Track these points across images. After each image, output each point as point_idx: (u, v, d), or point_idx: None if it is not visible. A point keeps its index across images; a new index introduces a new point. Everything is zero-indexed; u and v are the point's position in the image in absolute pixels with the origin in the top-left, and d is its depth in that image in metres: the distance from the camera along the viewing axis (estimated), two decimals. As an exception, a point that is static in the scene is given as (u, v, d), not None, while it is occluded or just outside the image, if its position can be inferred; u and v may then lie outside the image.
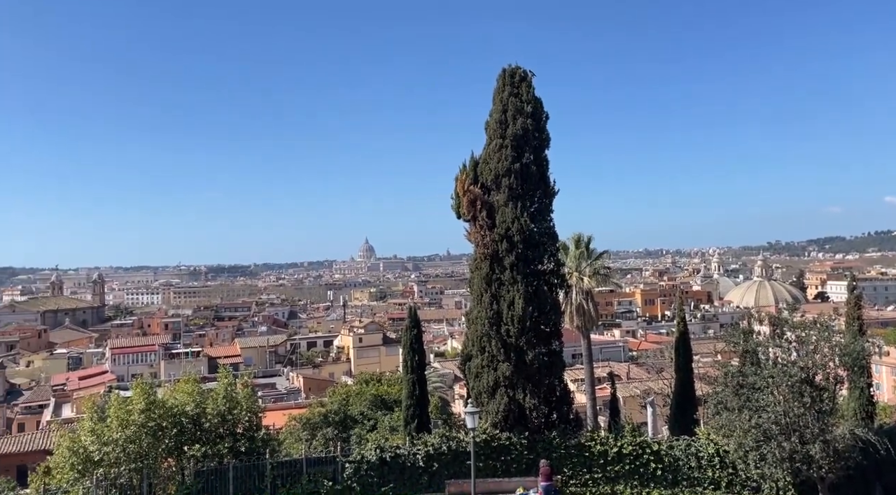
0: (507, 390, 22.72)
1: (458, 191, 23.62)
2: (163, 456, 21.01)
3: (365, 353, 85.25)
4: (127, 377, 73.08)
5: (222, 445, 21.12)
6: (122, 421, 19.90)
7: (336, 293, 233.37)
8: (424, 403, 25.22)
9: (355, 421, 33.06)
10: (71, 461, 19.58)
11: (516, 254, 22.62)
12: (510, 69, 23.96)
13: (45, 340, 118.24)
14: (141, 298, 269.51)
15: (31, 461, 38.10)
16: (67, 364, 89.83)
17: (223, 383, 22.74)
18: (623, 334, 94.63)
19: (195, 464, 20.70)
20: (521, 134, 23.01)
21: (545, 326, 23.14)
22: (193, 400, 21.50)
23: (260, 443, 22.10)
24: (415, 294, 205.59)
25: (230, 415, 22.00)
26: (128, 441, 19.67)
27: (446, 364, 63.13)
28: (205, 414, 21.42)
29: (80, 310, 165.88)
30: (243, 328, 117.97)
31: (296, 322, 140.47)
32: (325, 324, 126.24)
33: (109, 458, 19.50)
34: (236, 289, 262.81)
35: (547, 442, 22.45)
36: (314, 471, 21.26)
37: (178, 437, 20.96)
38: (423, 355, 26.67)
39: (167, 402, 21.24)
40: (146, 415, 20.14)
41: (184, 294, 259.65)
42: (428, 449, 22.01)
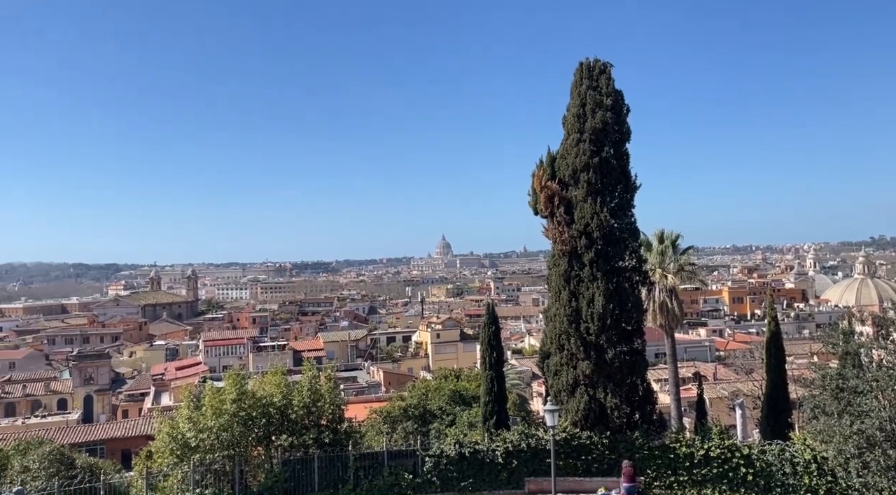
0: (587, 389, 22.37)
1: (535, 188, 23.39)
2: (253, 445, 21.90)
3: (442, 349, 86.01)
4: (219, 368, 76.87)
5: (308, 436, 21.84)
6: (216, 410, 20.89)
7: (414, 289, 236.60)
8: (503, 400, 25.21)
9: (434, 415, 33.41)
10: (170, 446, 20.75)
11: (596, 250, 22.20)
12: (588, 62, 23.49)
13: (145, 332, 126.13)
14: (231, 293, 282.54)
15: (135, 445, 40.83)
16: (165, 355, 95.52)
17: (308, 376, 23.48)
18: (709, 333, 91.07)
19: (282, 454, 21.53)
20: (600, 127, 22.53)
21: (626, 324, 22.61)
22: (281, 391, 22.34)
23: (343, 435, 22.72)
24: (491, 291, 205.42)
25: (315, 407, 22.71)
26: (221, 429, 20.63)
27: (524, 361, 62.77)
28: (291, 406, 22.18)
29: (176, 304, 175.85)
30: (325, 323, 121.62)
31: (375, 317, 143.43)
32: (404, 320, 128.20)
33: (205, 445, 20.51)
34: (319, 285, 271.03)
35: (629, 442, 21.95)
36: (395, 464, 21.67)
37: (267, 427, 21.80)
38: (501, 352, 26.66)
39: (256, 393, 22.13)
40: (237, 405, 21.05)
41: (270, 289, 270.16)
42: (507, 445, 21.99)
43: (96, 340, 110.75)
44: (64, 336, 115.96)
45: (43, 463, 21.47)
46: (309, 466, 21.13)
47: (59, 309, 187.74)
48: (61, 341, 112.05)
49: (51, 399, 69.50)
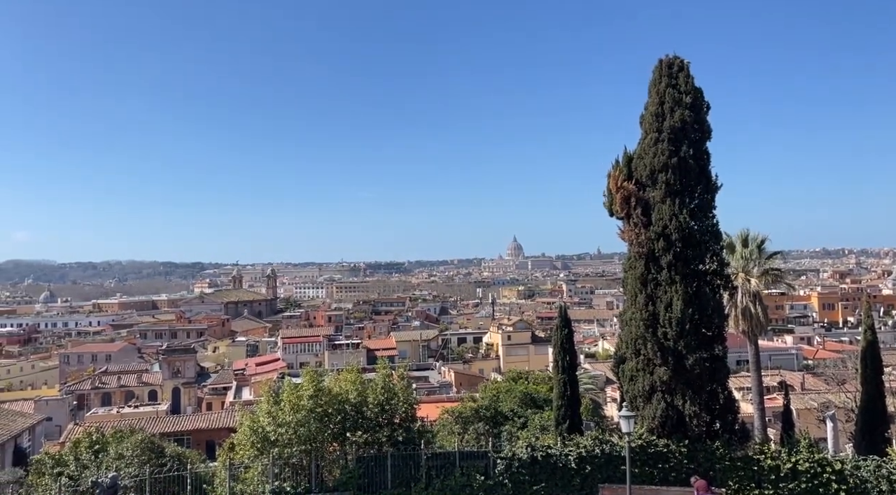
0: (664, 395, 21.69)
1: (611, 188, 22.87)
2: (328, 441, 22.34)
3: (513, 351, 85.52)
4: (296, 365, 79.33)
5: (381, 434, 22.14)
6: (294, 406, 21.45)
7: (485, 290, 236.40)
8: (576, 404, 24.80)
9: (506, 417, 33.27)
10: (251, 439, 21.49)
11: (674, 253, 21.49)
12: (667, 59, 22.78)
13: (227, 329, 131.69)
14: (307, 292, 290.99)
15: (218, 437, 42.68)
16: (246, 350, 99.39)
17: (382, 374, 23.72)
18: (796, 341, 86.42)
19: (357, 450, 21.91)
20: (678, 126, 21.80)
21: (706, 329, 21.76)
22: (356, 389, 22.72)
23: (415, 434, 22.90)
24: (564, 293, 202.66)
25: (388, 405, 22.97)
26: (298, 424, 21.18)
27: (597, 365, 61.53)
28: (366, 403, 22.50)
29: (256, 302, 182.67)
30: (398, 322, 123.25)
31: (446, 318, 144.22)
32: (475, 321, 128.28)
33: (283, 439, 21.13)
34: (392, 285, 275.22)
35: (709, 452, 21.12)
36: (467, 465, 21.69)
37: (342, 424, 22.18)
38: (575, 355, 26.23)
39: (332, 390, 22.57)
40: (314, 401, 21.54)
41: (345, 289, 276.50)
42: (580, 450, 21.61)
43: (183, 335, 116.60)
44: (154, 331, 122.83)
45: (136, 451, 22.75)
46: (382, 464, 21.44)
47: (150, 305, 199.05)
48: (152, 336, 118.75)
49: (143, 390, 73.73)
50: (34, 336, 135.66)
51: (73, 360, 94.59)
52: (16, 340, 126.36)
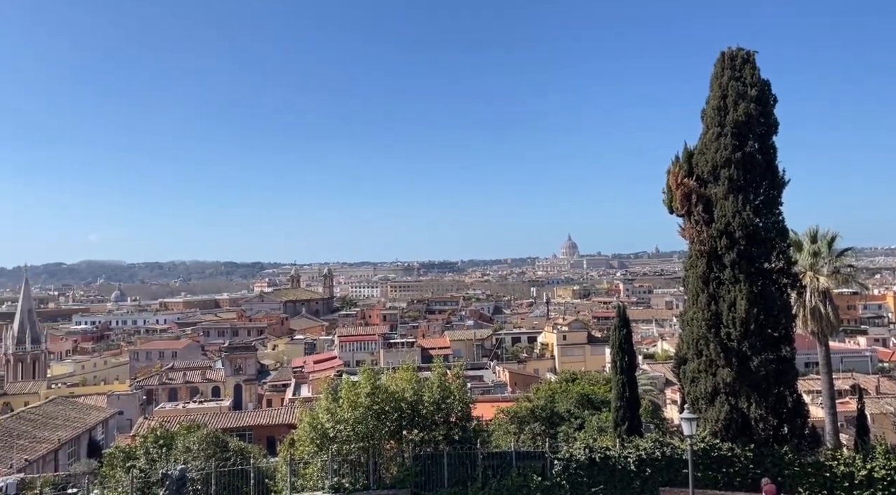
0: (727, 397, 21.02)
1: (671, 185, 22.31)
2: (385, 438, 22.56)
3: (569, 351, 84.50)
4: (352, 363, 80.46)
5: (437, 432, 22.23)
6: (352, 403, 21.76)
7: (539, 290, 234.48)
8: (635, 406, 24.32)
9: (562, 418, 32.88)
10: (311, 435, 21.92)
11: (738, 250, 20.80)
12: (731, 52, 22.05)
13: (286, 327, 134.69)
14: (363, 291, 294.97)
15: (278, 433, 43.64)
16: (304, 348, 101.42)
17: (437, 373, 23.83)
18: (870, 342, 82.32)
19: (413, 448, 22.06)
20: (743, 120, 21.08)
21: (772, 330, 20.99)
22: (412, 387, 22.89)
23: (471, 433, 22.89)
24: (621, 292, 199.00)
25: (444, 404, 23.03)
26: (356, 421, 21.48)
27: (656, 366, 60.12)
28: (422, 402, 22.63)
29: (314, 301, 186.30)
30: (452, 321, 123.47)
31: (500, 317, 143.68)
32: (529, 321, 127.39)
33: (342, 436, 21.46)
34: (445, 285, 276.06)
35: (777, 456, 20.36)
36: (523, 465, 21.55)
37: (399, 421, 22.38)
38: (633, 356, 25.72)
39: (389, 388, 22.83)
40: (371, 399, 21.80)
41: (399, 288, 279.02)
42: (640, 453, 21.17)
43: (244, 333, 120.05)
44: (217, 329, 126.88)
45: (201, 445, 23.53)
46: (439, 462, 21.53)
47: (213, 303, 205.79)
48: (214, 333, 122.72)
49: (206, 386, 76.30)
50: (106, 333, 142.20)
51: (141, 357, 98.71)
52: (90, 337, 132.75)
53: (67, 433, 42.65)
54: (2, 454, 35.35)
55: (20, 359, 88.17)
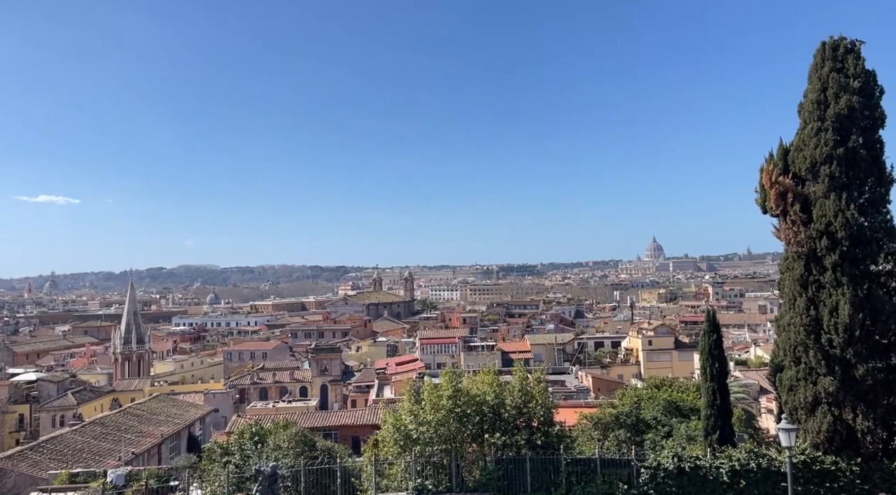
0: (830, 408, 19.77)
1: (764, 183, 21.25)
2: (467, 441, 22.64)
3: (655, 356, 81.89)
4: (433, 365, 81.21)
5: (520, 436, 22.10)
6: (434, 405, 21.99)
7: (622, 293, 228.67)
8: (726, 414, 23.25)
9: (648, 425, 31.90)
10: (394, 436, 22.29)
11: (840, 252, 19.54)
12: (832, 42, 20.74)
13: (369, 329, 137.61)
14: (442, 294, 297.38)
15: (363, 433, 44.63)
16: (386, 350, 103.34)
17: (518, 376, 23.71)
18: None
19: (495, 452, 22.03)
20: (845, 114, 19.80)
21: (881, 337, 19.58)
22: (493, 391, 22.86)
23: (554, 438, 22.63)
24: (710, 296, 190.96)
25: (526, 408, 22.89)
26: (439, 423, 21.68)
27: (749, 373, 57.35)
28: (503, 405, 22.57)
29: (395, 303, 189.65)
30: (532, 325, 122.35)
31: (582, 321, 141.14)
32: (612, 325, 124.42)
33: (424, 437, 21.71)
34: (525, 288, 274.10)
35: (887, 472, 18.98)
36: (608, 472, 21.08)
37: (480, 425, 22.40)
38: (724, 362, 24.62)
39: (470, 391, 22.93)
40: (453, 402, 21.93)
41: (478, 291, 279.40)
42: (733, 463, 20.24)
43: (329, 335, 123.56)
44: (304, 330, 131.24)
45: (291, 443, 24.43)
46: (521, 466, 21.39)
47: (300, 306, 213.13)
48: (302, 335, 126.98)
49: (294, 386, 79.07)
50: (203, 334, 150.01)
51: (234, 357, 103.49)
52: (188, 338, 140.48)
53: (169, 428, 45.32)
54: (112, 447, 38.00)
55: (127, 357, 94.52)
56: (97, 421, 44.04)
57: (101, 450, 37.38)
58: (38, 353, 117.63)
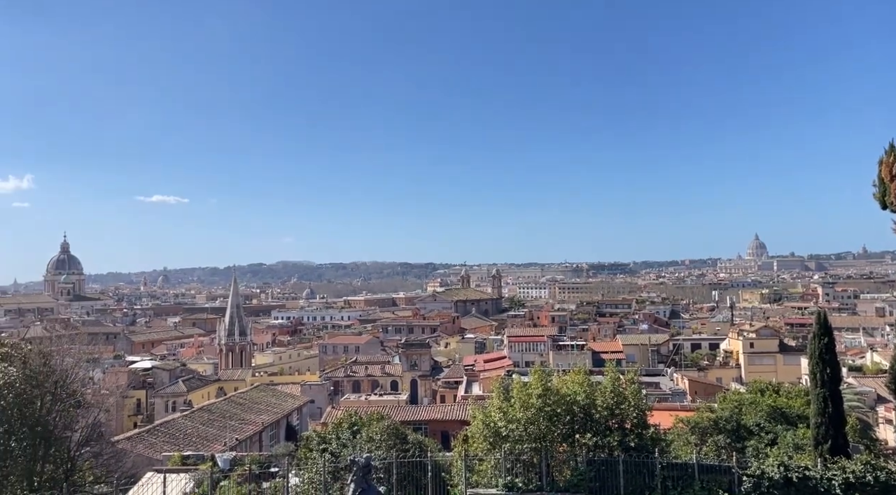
0: (961, 421, 18.04)
1: (884, 177, 19.71)
2: (558, 441, 22.40)
3: (757, 360, 77.66)
4: (521, 363, 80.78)
5: (612, 438, 21.62)
6: (524, 403, 21.88)
7: (721, 293, 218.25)
8: (839, 423, 21.75)
9: (750, 432, 30.30)
10: (483, 433, 22.37)
11: (974, 249, 17.78)
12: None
13: (457, 326, 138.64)
14: (530, 292, 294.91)
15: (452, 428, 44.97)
16: (475, 347, 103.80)
17: (610, 377, 23.24)
18: None
19: (587, 453, 21.64)
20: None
21: None
22: (584, 390, 22.50)
23: (648, 441, 22.00)
24: (819, 297, 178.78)
25: (618, 410, 22.39)
26: (528, 422, 21.56)
27: (865, 380, 53.26)
28: (594, 406, 22.18)
29: (483, 300, 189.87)
30: (624, 325, 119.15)
31: (678, 322, 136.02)
32: (710, 326, 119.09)
33: (514, 435, 21.65)
34: (616, 286, 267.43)
35: None
36: (707, 479, 20.23)
37: (571, 425, 22.11)
38: (837, 367, 23.02)
39: (560, 390, 22.67)
40: (543, 400, 21.76)
41: (567, 289, 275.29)
42: (847, 475, 18.89)
43: (419, 331, 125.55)
44: (394, 326, 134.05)
45: (383, 436, 25.02)
46: (613, 468, 20.90)
47: (390, 302, 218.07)
48: (392, 330, 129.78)
49: (385, 380, 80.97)
50: (299, 327, 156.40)
51: (329, 350, 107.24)
52: (286, 331, 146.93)
53: (269, 417, 47.58)
54: (218, 432, 40.36)
55: (230, 348, 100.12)
56: (205, 408, 46.93)
57: (209, 435, 39.79)
58: (152, 343, 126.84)
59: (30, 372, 22.45)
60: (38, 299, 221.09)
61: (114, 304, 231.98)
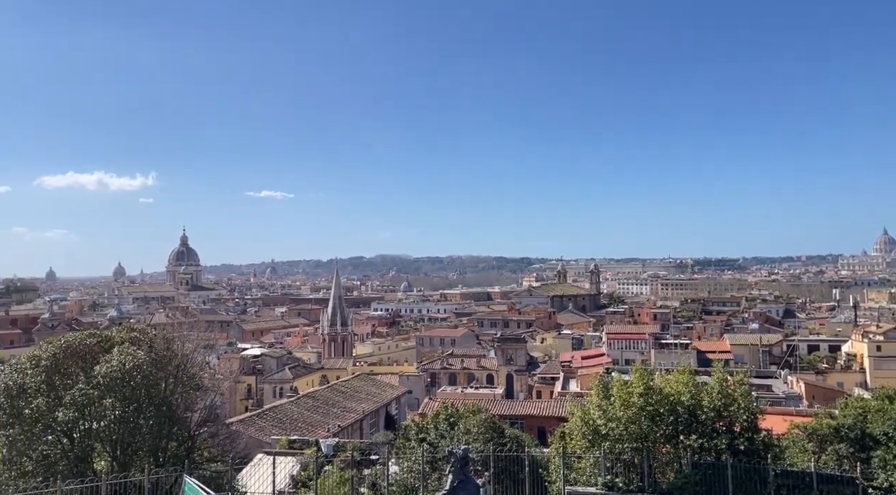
0: None
1: None
2: (660, 442, 21.65)
3: (885, 364, 71.51)
4: (621, 361, 78.63)
5: (719, 441, 20.63)
6: (624, 402, 21.26)
7: (843, 292, 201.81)
8: None
9: (877, 442, 27.81)
10: (582, 430, 21.93)
11: None
12: None
13: (553, 321, 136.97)
14: (630, 288, 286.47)
15: (548, 424, 44.66)
16: (571, 343, 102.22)
17: (717, 378, 22.26)
18: None
19: (691, 455, 20.77)
20: None
21: None
22: (689, 391, 21.61)
23: (759, 446, 20.82)
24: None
25: (726, 412, 21.36)
26: (629, 421, 20.94)
27: None
28: (700, 407, 21.28)
29: (580, 296, 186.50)
30: (732, 323, 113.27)
31: (792, 321, 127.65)
32: (830, 327, 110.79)
33: (614, 434, 21.10)
34: (723, 283, 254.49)
35: None
36: (827, 490, 18.90)
37: (675, 425, 21.31)
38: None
39: (663, 390, 21.88)
40: (644, 399, 21.07)
41: (671, 286, 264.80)
42: None
43: (514, 325, 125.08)
44: (489, 320, 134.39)
45: (480, 429, 25.13)
46: (721, 473, 19.91)
47: (486, 296, 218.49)
48: (487, 324, 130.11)
49: (481, 373, 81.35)
50: (397, 319, 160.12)
51: (426, 342, 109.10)
52: (384, 322, 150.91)
53: (369, 406, 49.08)
54: (322, 419, 42.10)
55: (333, 338, 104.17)
56: (309, 395, 49.10)
57: (313, 421, 41.58)
58: (261, 331, 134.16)
59: (155, 356, 24.25)
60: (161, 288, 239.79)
61: (226, 294, 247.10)
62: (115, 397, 22.02)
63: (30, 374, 22.60)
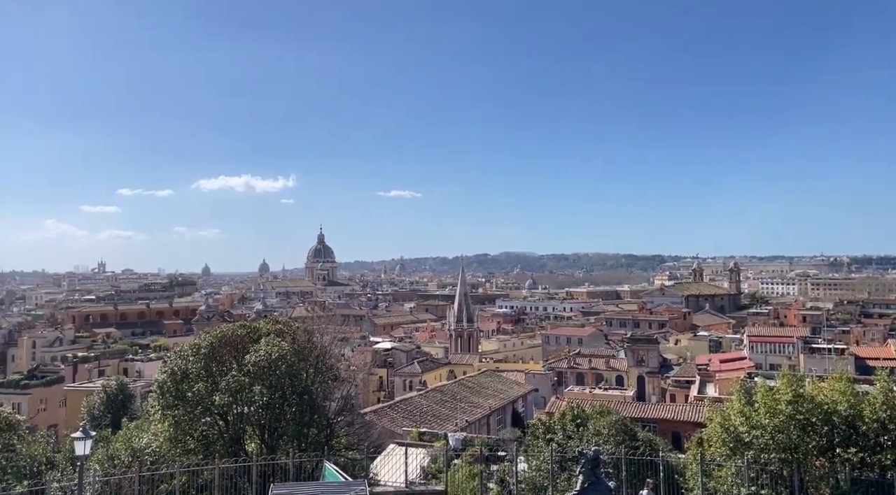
0: None
1: None
2: (812, 453, 20.05)
3: None
4: (765, 365, 73.43)
5: (884, 456, 18.71)
6: (770, 409, 19.91)
7: None
8: None
9: None
10: (722, 437, 20.75)
11: None
12: None
13: (688, 322, 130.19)
14: (775, 288, 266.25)
15: (683, 429, 42.62)
16: (709, 346, 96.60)
17: (881, 386, 20.29)
18: None
19: (850, 470, 19.00)
20: None
21: None
22: (847, 400, 19.81)
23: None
24: None
25: (892, 424, 19.34)
26: (776, 429, 19.57)
27: None
28: (860, 418, 19.45)
29: (718, 296, 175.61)
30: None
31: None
32: None
33: (758, 443, 19.78)
34: (887, 283, 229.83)
35: None
36: None
37: (829, 437, 19.64)
38: None
39: (816, 398, 20.21)
40: (794, 407, 19.61)
41: (822, 286, 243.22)
42: None
43: (645, 326, 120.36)
44: (618, 319, 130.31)
45: (611, 431, 24.48)
46: (887, 491, 18.02)
47: (614, 294, 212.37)
48: (616, 323, 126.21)
49: (610, 374, 79.09)
50: (522, 317, 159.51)
51: (552, 340, 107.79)
52: (509, 320, 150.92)
53: (496, 402, 49.36)
54: (449, 413, 42.92)
55: (459, 334, 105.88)
56: (437, 389, 50.25)
57: (441, 415, 42.52)
58: (391, 326, 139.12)
59: (297, 347, 25.95)
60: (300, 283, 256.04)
61: (359, 289, 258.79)
62: (263, 384, 23.85)
63: (191, 361, 25.06)
